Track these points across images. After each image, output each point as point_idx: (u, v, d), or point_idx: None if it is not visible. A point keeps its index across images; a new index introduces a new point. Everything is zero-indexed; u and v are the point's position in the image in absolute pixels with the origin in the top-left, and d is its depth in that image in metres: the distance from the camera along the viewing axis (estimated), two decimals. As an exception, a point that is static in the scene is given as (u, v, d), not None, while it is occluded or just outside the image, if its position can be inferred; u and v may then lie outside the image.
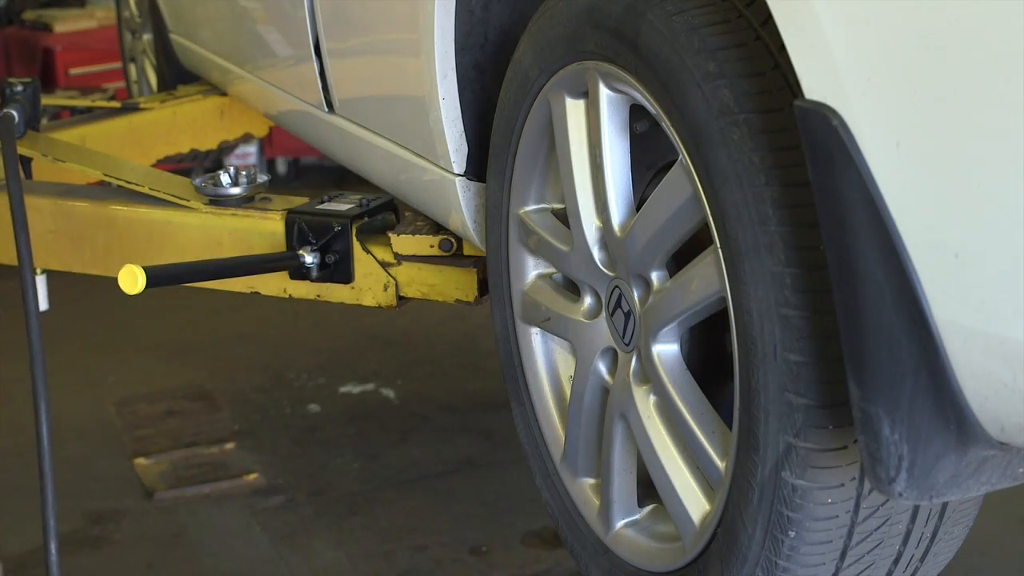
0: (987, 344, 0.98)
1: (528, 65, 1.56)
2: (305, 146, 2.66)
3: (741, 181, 1.17)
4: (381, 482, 2.50)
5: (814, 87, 1.04)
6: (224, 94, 3.24)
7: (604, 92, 1.42)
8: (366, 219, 2.10)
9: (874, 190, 1.01)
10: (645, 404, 1.46)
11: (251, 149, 4.62)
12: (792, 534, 1.24)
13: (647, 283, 1.44)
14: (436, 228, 2.03)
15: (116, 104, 3.33)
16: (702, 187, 1.25)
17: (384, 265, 2.05)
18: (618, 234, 1.45)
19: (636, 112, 1.45)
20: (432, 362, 3.16)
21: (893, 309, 1.03)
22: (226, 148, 3.39)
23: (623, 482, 1.57)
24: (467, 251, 2.00)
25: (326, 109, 2.24)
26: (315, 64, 2.18)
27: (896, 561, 1.36)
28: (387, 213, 2.15)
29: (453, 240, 2.00)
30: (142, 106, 3.17)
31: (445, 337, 3.36)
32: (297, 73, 2.34)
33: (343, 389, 2.92)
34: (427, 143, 1.81)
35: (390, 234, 2.05)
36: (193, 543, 2.25)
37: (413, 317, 3.28)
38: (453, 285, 2.01)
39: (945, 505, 1.34)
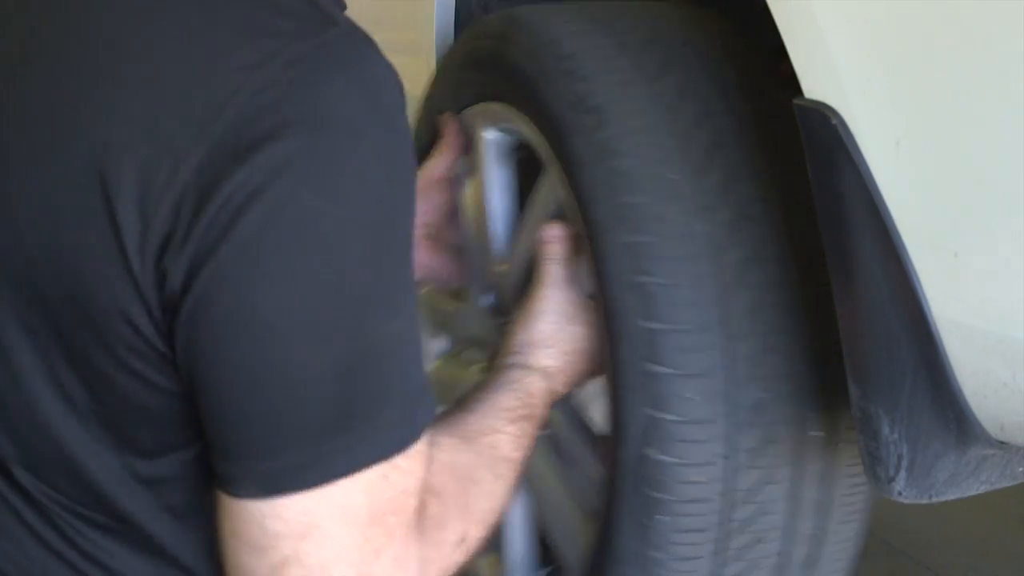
0: (986, 343, 0.98)
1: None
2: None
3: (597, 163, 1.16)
4: (381, 482, 2.49)
5: (814, 86, 1.04)
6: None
7: (486, 133, 1.41)
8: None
9: (874, 189, 1.00)
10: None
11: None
12: (662, 518, 1.15)
13: None
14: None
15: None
16: (564, 172, 1.22)
17: (384, 265, 2.05)
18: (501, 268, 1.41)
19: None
20: (432, 362, 3.15)
21: (892, 308, 1.03)
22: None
23: (523, 545, 1.45)
24: (467, 251, 2.00)
25: (326, 109, 2.23)
26: (315, 64, 2.18)
27: (782, 568, 1.24)
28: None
29: (453, 240, 2.00)
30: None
31: (445, 337, 3.35)
32: (297, 73, 2.34)
33: (343, 389, 2.91)
34: (427, 143, 1.81)
35: (390, 234, 2.04)
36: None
37: (413, 317, 3.27)
38: (453, 285, 2.01)
39: (828, 498, 1.24)
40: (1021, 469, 1.14)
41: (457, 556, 0.99)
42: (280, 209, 0.79)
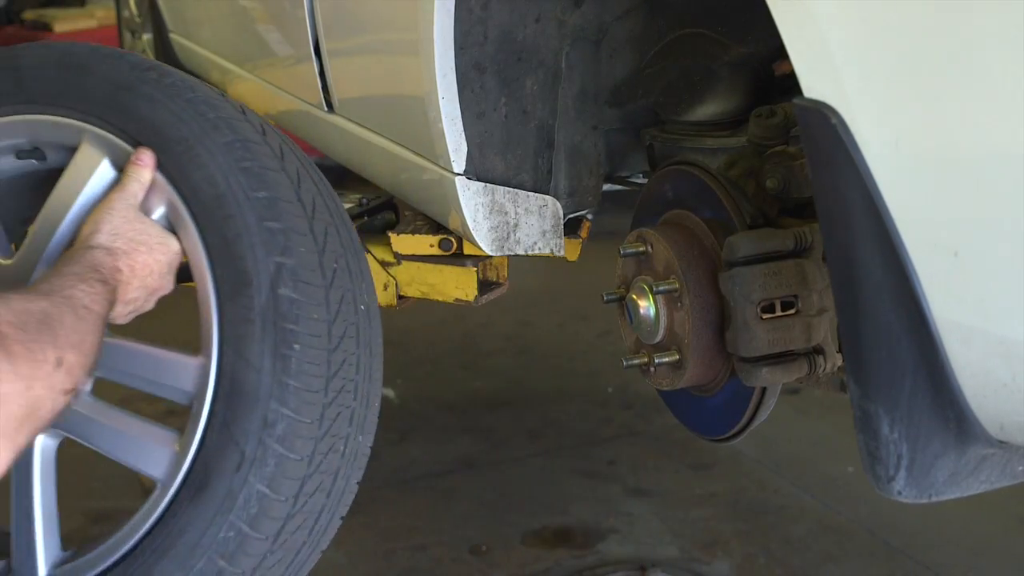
0: (986, 343, 0.98)
1: None
2: (305, 146, 2.67)
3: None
4: (381, 482, 2.49)
5: (813, 86, 1.04)
6: (224, 94, 3.23)
7: None
8: (366, 218, 2.09)
9: (873, 189, 1.01)
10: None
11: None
12: (297, 348, 1.43)
13: None
14: (436, 227, 2.03)
15: (116, 104, 3.32)
16: (125, 136, 1.52)
17: (384, 264, 2.05)
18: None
19: None
20: (432, 362, 3.16)
21: (892, 308, 1.03)
22: (226, 148, 3.38)
23: (50, 524, 1.58)
24: (467, 250, 2.00)
25: (326, 109, 2.24)
26: (315, 64, 2.18)
27: (351, 420, 1.52)
28: (387, 212, 2.15)
29: (453, 240, 2.00)
30: (142, 106, 3.16)
31: (445, 337, 3.36)
32: (297, 73, 2.34)
33: (343, 389, 2.92)
34: (426, 142, 1.81)
35: (390, 233, 2.05)
36: (193, 543, 2.24)
37: (413, 317, 3.28)
38: (453, 284, 2.01)
39: (371, 364, 1.56)
40: (1021, 468, 1.14)
41: (62, 376, 1.19)
42: None
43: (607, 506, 2.73)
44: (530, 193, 1.79)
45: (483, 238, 1.80)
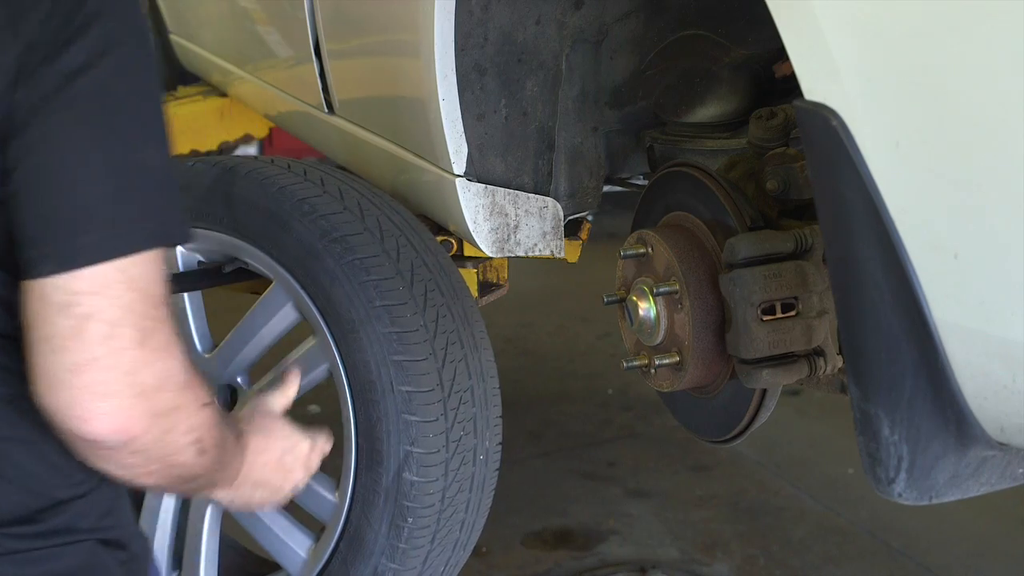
0: (986, 345, 0.98)
1: None
2: (305, 147, 2.66)
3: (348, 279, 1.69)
4: (381, 483, 2.49)
5: (814, 87, 1.04)
6: (224, 95, 3.23)
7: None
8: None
9: (874, 190, 1.01)
10: None
11: (251, 150, 4.62)
12: (410, 520, 1.68)
13: (233, 389, 1.88)
14: (436, 229, 2.03)
15: (116, 105, 3.33)
16: (308, 294, 1.72)
17: (384, 266, 2.05)
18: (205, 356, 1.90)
19: None
20: (432, 363, 3.15)
21: (892, 309, 1.03)
22: (226, 149, 3.39)
23: (210, 569, 1.90)
24: (467, 252, 2.00)
25: (326, 110, 2.24)
26: (315, 65, 2.18)
27: (454, 547, 1.78)
28: (387, 214, 2.15)
29: (453, 241, 2.00)
30: (142, 107, 3.17)
31: (445, 338, 3.34)
32: (297, 74, 2.34)
33: (343, 390, 2.91)
34: (427, 144, 1.81)
35: (390, 235, 2.05)
36: (193, 544, 2.24)
37: (413, 318, 3.27)
38: (453, 286, 2.01)
39: (483, 477, 1.75)
40: (1021, 471, 1.14)
41: (195, 414, 1.15)
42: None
43: (607, 507, 2.73)
44: (530, 195, 1.79)
45: (483, 239, 1.80)
